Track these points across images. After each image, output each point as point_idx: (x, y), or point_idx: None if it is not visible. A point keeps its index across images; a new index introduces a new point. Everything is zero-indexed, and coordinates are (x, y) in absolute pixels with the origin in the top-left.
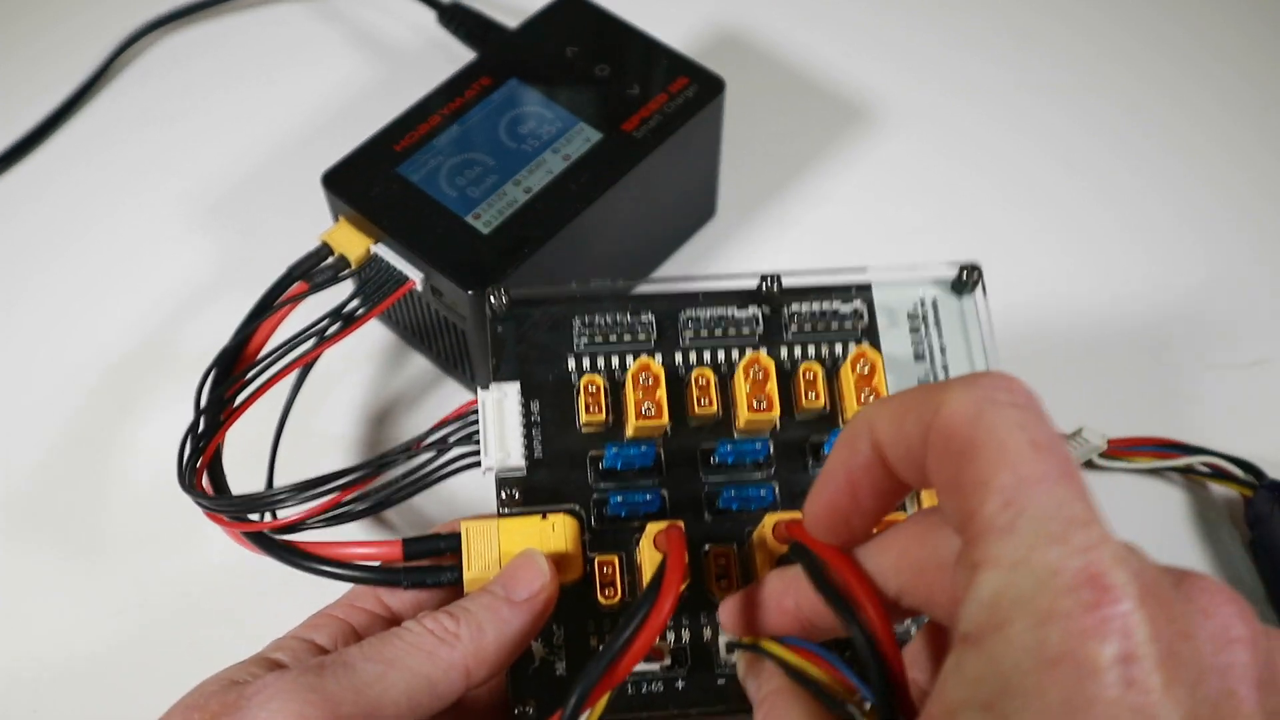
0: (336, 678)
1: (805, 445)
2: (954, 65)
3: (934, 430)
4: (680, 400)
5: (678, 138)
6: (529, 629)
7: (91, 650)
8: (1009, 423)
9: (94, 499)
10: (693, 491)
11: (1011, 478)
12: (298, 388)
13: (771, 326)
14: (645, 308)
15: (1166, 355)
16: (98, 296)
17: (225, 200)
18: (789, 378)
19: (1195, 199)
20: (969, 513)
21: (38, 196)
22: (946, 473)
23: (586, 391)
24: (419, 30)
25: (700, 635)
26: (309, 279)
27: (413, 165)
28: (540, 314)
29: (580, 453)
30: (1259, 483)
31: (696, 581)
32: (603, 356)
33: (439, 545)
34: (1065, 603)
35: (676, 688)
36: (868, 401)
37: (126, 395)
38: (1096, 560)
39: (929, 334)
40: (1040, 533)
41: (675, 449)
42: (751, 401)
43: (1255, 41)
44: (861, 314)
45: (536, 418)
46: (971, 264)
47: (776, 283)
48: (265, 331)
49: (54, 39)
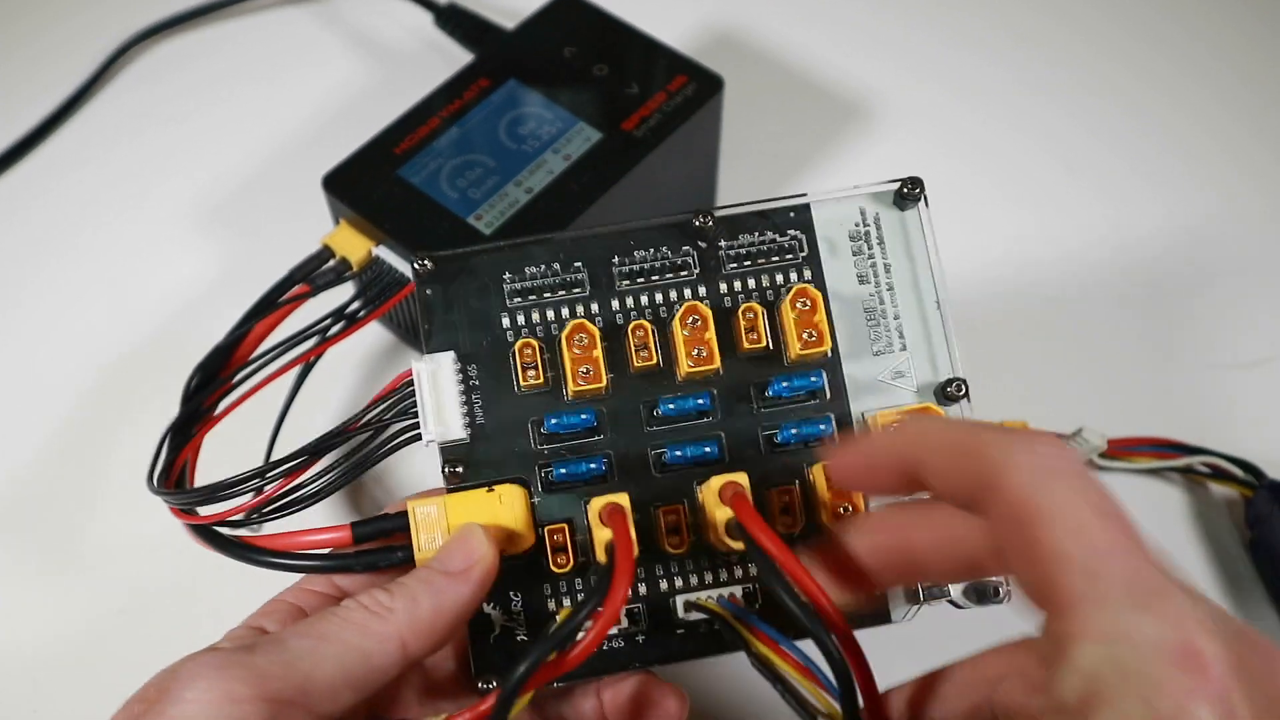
0: (266, 654)
1: (750, 388)
2: (952, 64)
3: (999, 496)
4: (621, 351)
5: (677, 136)
6: (468, 599)
7: (89, 647)
8: (1073, 491)
9: (93, 500)
10: (638, 448)
11: (1087, 548)
12: (297, 387)
13: (708, 263)
14: (576, 257)
15: (1166, 355)
16: (98, 298)
17: (226, 203)
18: (728, 316)
19: (1195, 199)
20: (1049, 582)
21: (37, 199)
22: (1016, 539)
23: (522, 354)
24: (416, 32)
25: (657, 589)
26: (310, 281)
27: (413, 167)
28: (469, 274)
29: (523, 419)
30: (1259, 483)
31: (649, 538)
32: (537, 311)
33: (387, 526)
34: (1168, 674)
35: (638, 643)
36: (810, 342)
37: (126, 397)
38: (1188, 631)
39: (872, 253)
40: (1127, 604)
41: (618, 405)
42: (691, 352)
43: (1255, 41)
44: (801, 242)
45: (475, 381)
46: (913, 177)
47: (710, 216)
48: (261, 332)
49: (53, 40)
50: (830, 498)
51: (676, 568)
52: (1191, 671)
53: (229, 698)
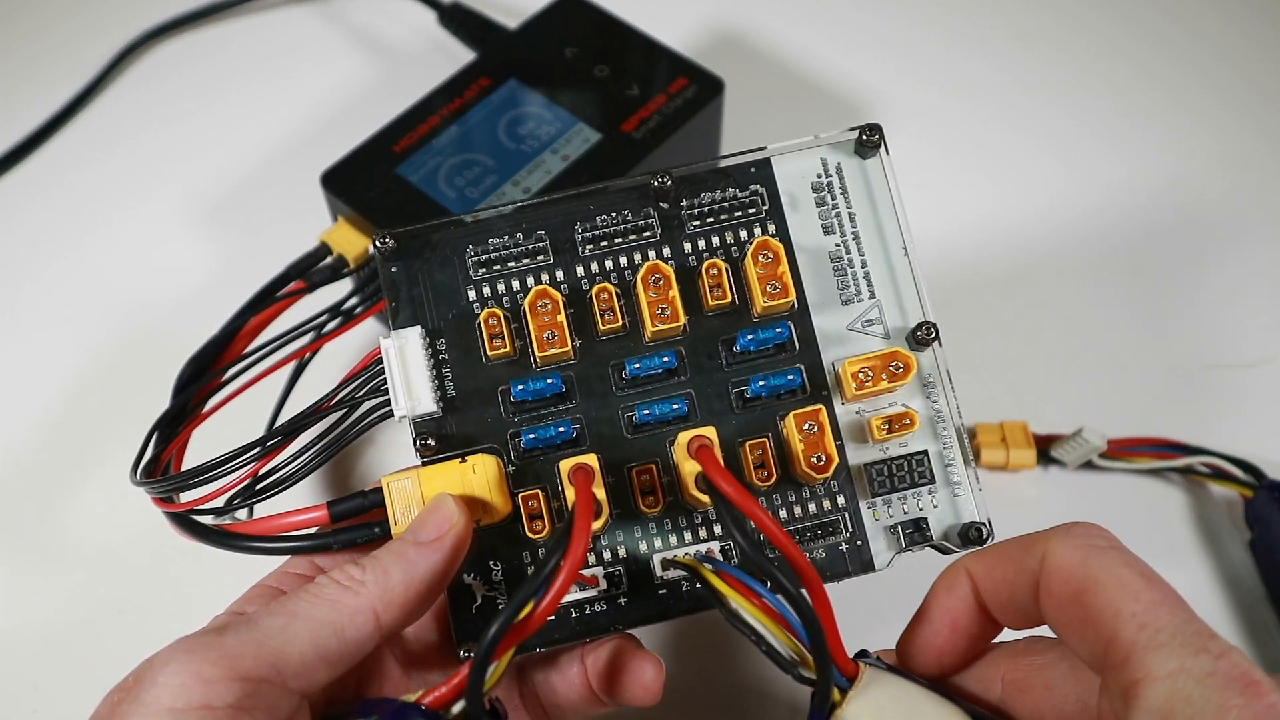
0: (237, 634)
1: (718, 344)
2: (953, 65)
3: (1047, 577)
4: (586, 316)
5: (677, 138)
6: (440, 569)
7: (88, 647)
8: (1117, 562)
9: (93, 500)
10: (608, 411)
11: (1139, 604)
12: (292, 383)
13: (670, 224)
14: (538, 225)
15: (1166, 355)
16: (100, 295)
17: (227, 201)
18: (693, 275)
19: (1195, 199)
20: (1108, 638)
21: (40, 196)
22: (1070, 612)
23: (487, 325)
24: (419, 31)
25: (636, 550)
26: (307, 278)
27: (412, 165)
28: (431, 249)
29: (492, 388)
30: (1259, 483)
31: (625, 499)
32: (502, 281)
33: (364, 502)
34: (1231, 698)
35: (620, 605)
36: (774, 295)
37: (124, 394)
38: (1238, 663)
39: (835, 203)
40: (1183, 645)
41: (586, 370)
42: (655, 311)
43: (1255, 41)
44: (763, 196)
45: (444, 355)
46: (871, 124)
47: (668, 176)
48: (255, 326)
49: (62, 37)
50: (804, 448)
51: (654, 528)
52: (1250, 695)
53: (200, 678)
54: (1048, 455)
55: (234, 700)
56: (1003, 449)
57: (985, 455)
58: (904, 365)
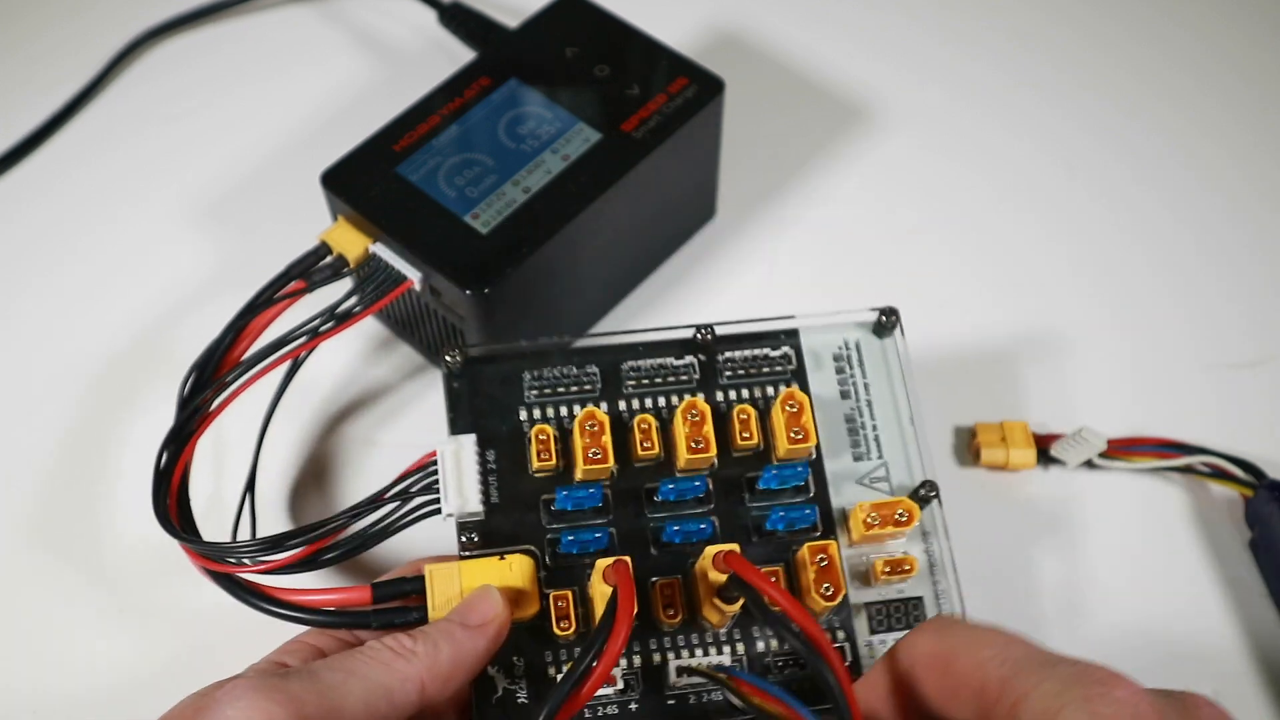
0: (301, 681)
1: (742, 480)
2: (955, 66)
3: (918, 667)
4: (625, 444)
5: (677, 138)
6: (483, 652)
7: (89, 648)
8: (965, 628)
9: (91, 504)
10: (639, 528)
11: (995, 648)
12: (286, 382)
13: (707, 372)
14: (590, 360)
15: (1166, 355)
16: (100, 295)
17: (227, 200)
18: (724, 419)
19: (1195, 199)
20: (979, 686)
21: (41, 196)
22: (945, 683)
23: (537, 440)
24: (420, 30)
25: (650, 659)
26: (307, 277)
27: (412, 165)
28: (493, 370)
29: (534, 496)
30: (1259, 482)
31: (645, 611)
32: (552, 407)
33: (405, 588)
34: (1094, 689)
35: (630, 710)
36: (797, 440)
37: (124, 394)
38: (1095, 665)
39: (853, 373)
40: (1042, 664)
41: (622, 489)
42: (690, 443)
43: (1255, 41)
44: (790, 358)
45: (492, 465)
46: (889, 308)
47: (710, 332)
48: (257, 328)
49: (61, 36)
50: (814, 579)
51: (669, 641)
52: (1110, 685)
53: (268, 715)
54: (1048, 455)
55: None
56: (1003, 449)
57: (985, 455)
58: (908, 514)
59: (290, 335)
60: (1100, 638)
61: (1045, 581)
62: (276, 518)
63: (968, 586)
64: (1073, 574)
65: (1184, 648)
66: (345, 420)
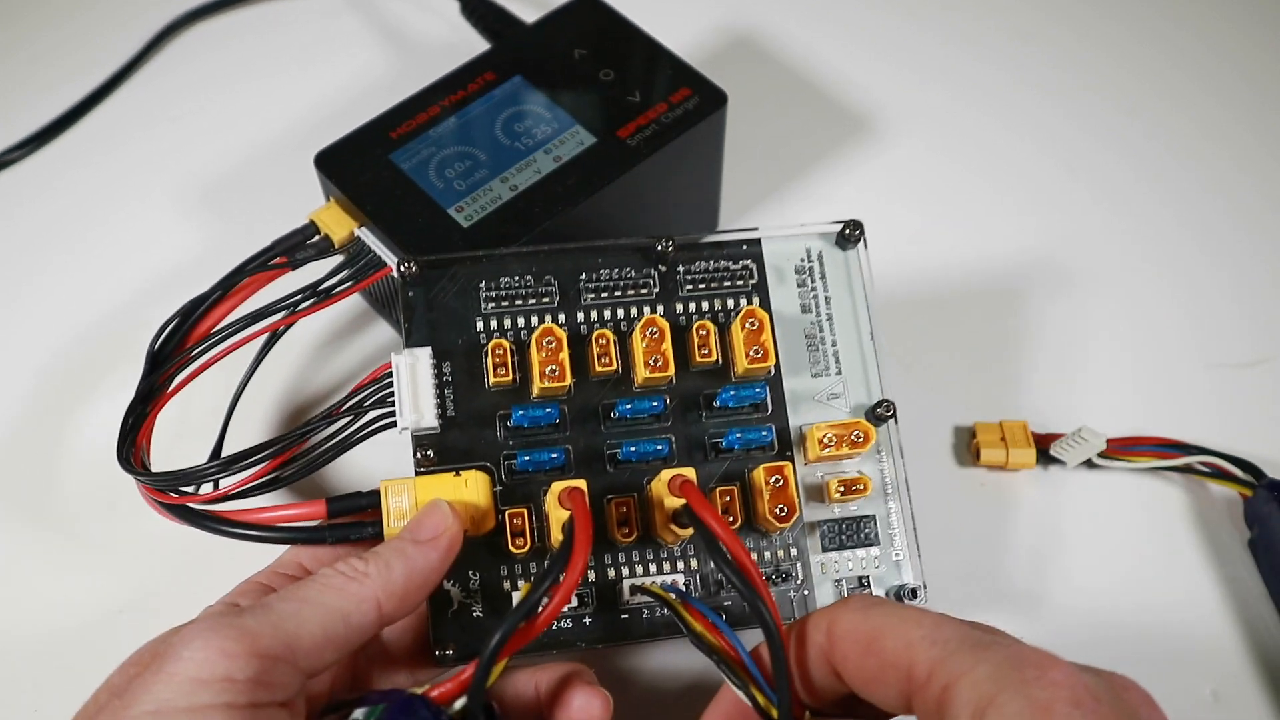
0: (255, 616)
1: (700, 398)
2: (962, 70)
3: (838, 642)
4: (583, 358)
5: (674, 148)
6: (436, 566)
7: (89, 646)
8: (892, 608)
9: (90, 499)
10: (595, 445)
11: (923, 628)
12: (262, 354)
13: (667, 284)
14: (548, 270)
15: (1166, 355)
16: (114, 276)
17: (229, 184)
18: (684, 333)
19: (1195, 199)
20: (907, 667)
21: (58, 181)
22: (866, 663)
23: (494, 354)
24: (446, 20)
25: (605, 576)
26: (290, 254)
27: (405, 153)
28: (448, 279)
29: (490, 412)
30: (1258, 482)
31: (600, 528)
32: (509, 318)
33: (360, 503)
34: (1028, 672)
35: (584, 624)
36: (756, 359)
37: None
38: (1026, 647)
39: (815, 286)
40: (975, 645)
41: (579, 405)
42: (648, 360)
43: (1255, 41)
44: (751, 270)
45: (448, 378)
46: (854, 220)
47: (671, 241)
48: (234, 300)
49: (94, 18)
50: (769, 499)
51: (624, 557)
52: (1045, 668)
53: (223, 653)
54: (1047, 454)
55: (252, 674)
56: (1003, 448)
57: (985, 455)
58: (864, 435)
59: (268, 309)
60: (1099, 637)
61: (1045, 581)
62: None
63: (967, 585)
64: (1072, 573)
65: (1183, 647)
66: (316, 394)
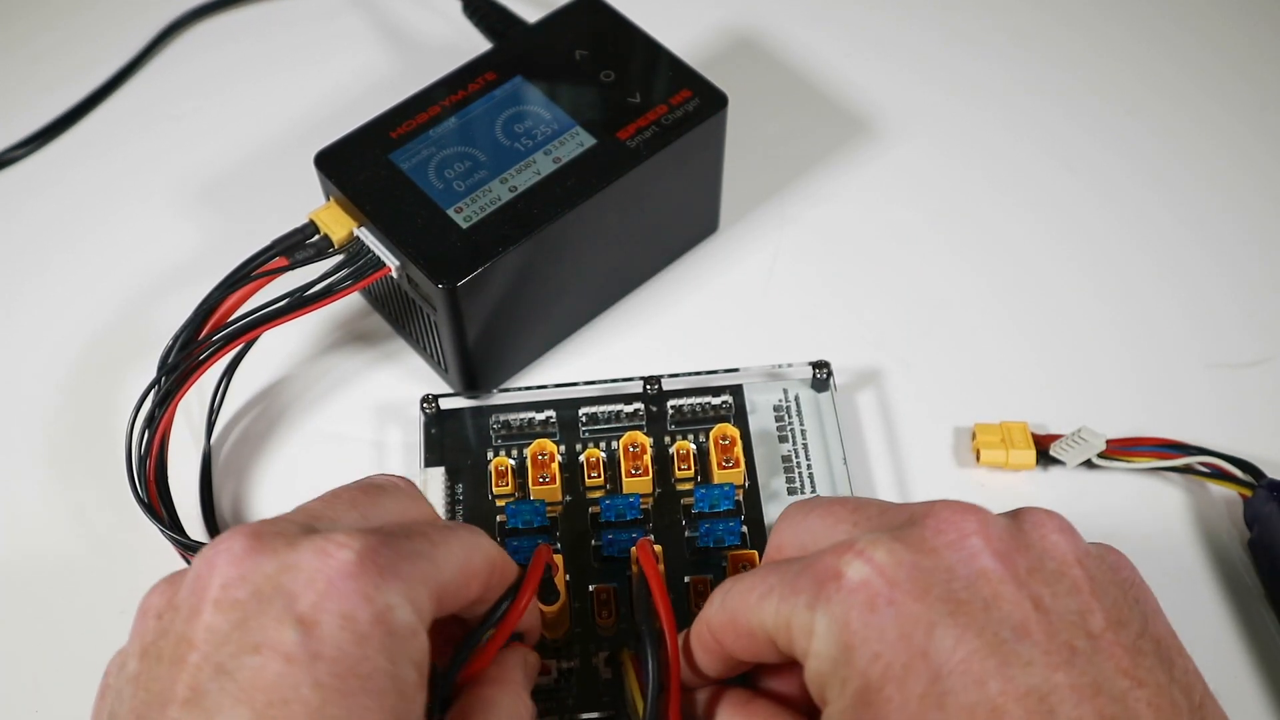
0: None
1: (678, 501)
2: (962, 70)
3: (707, 629)
4: (577, 478)
5: (673, 150)
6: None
7: (89, 645)
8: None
9: (91, 497)
10: (584, 545)
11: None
12: (240, 356)
13: (655, 417)
14: (550, 408)
15: (1166, 355)
16: (114, 275)
17: (230, 184)
18: (668, 460)
19: (1195, 198)
20: (769, 639)
21: (58, 180)
22: (745, 644)
23: (496, 470)
24: (448, 19)
25: (588, 662)
26: (289, 254)
27: (405, 153)
28: (462, 419)
29: (492, 518)
30: (1258, 482)
31: (586, 614)
32: (516, 447)
33: None
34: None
35: (568, 704)
36: (728, 467)
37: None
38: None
39: (791, 421)
40: (786, 586)
41: (570, 510)
42: (629, 469)
43: (1255, 41)
44: (730, 405)
45: (460, 495)
46: (822, 361)
47: (657, 385)
48: (235, 302)
49: (96, 17)
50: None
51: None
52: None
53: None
54: (1047, 455)
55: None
56: (1002, 449)
57: (985, 455)
58: None
59: (266, 308)
60: None
61: None
62: (233, 496)
63: None
64: None
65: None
66: (314, 394)
